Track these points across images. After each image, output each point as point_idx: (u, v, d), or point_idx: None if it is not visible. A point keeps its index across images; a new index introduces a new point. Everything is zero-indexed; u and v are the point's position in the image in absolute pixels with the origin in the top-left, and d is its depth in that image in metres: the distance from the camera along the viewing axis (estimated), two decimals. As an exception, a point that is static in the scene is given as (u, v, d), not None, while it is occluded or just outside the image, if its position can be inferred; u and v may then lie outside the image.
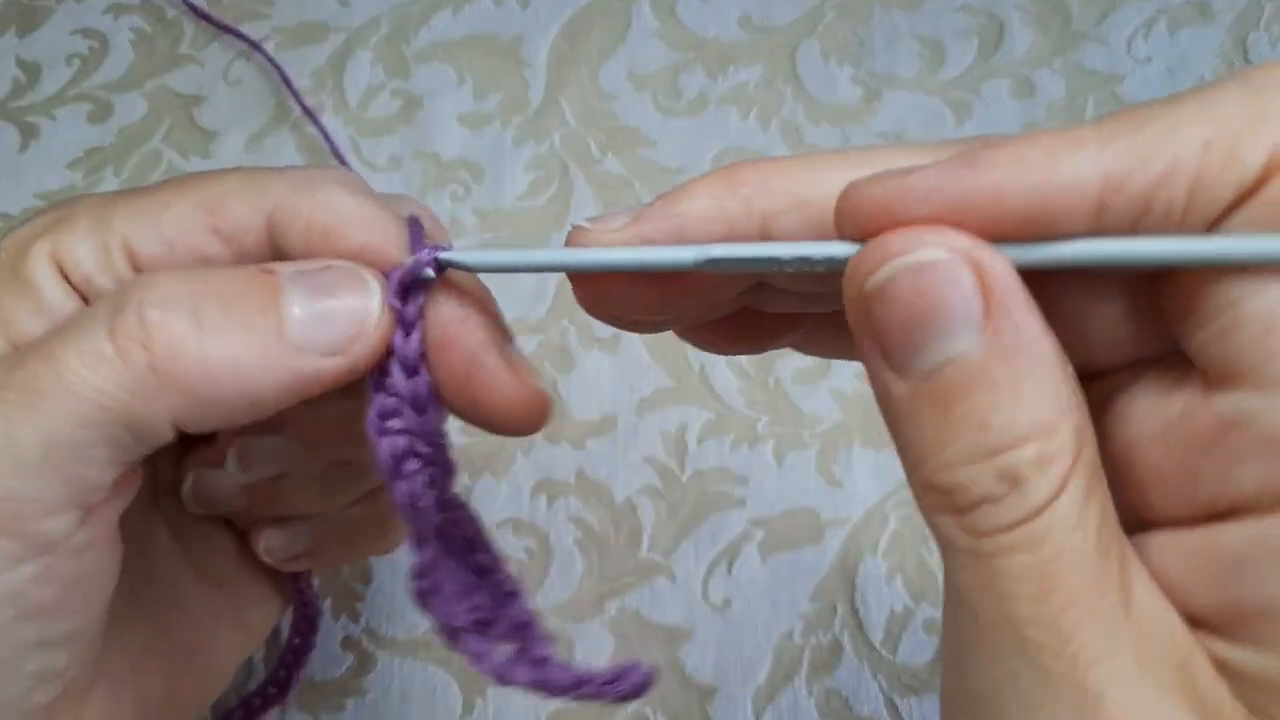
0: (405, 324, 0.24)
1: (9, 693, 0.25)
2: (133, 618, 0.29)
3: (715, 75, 0.52)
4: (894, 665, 0.40)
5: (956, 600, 0.19)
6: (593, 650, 0.40)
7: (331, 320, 0.24)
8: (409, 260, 0.24)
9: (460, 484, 0.43)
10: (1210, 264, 0.18)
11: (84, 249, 0.26)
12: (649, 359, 0.45)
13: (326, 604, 0.41)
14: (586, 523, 0.42)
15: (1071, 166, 0.18)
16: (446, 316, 0.25)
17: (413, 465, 0.25)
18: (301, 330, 0.24)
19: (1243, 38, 0.51)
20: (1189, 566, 0.19)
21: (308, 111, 0.50)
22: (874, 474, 0.43)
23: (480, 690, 0.40)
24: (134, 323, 0.23)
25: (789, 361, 0.45)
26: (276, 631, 0.41)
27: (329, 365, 0.24)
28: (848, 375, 0.45)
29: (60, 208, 0.27)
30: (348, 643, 0.41)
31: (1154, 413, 0.20)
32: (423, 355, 0.25)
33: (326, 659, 0.40)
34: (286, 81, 0.51)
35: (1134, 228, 0.19)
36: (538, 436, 0.44)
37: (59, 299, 0.26)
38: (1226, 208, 0.18)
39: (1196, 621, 0.19)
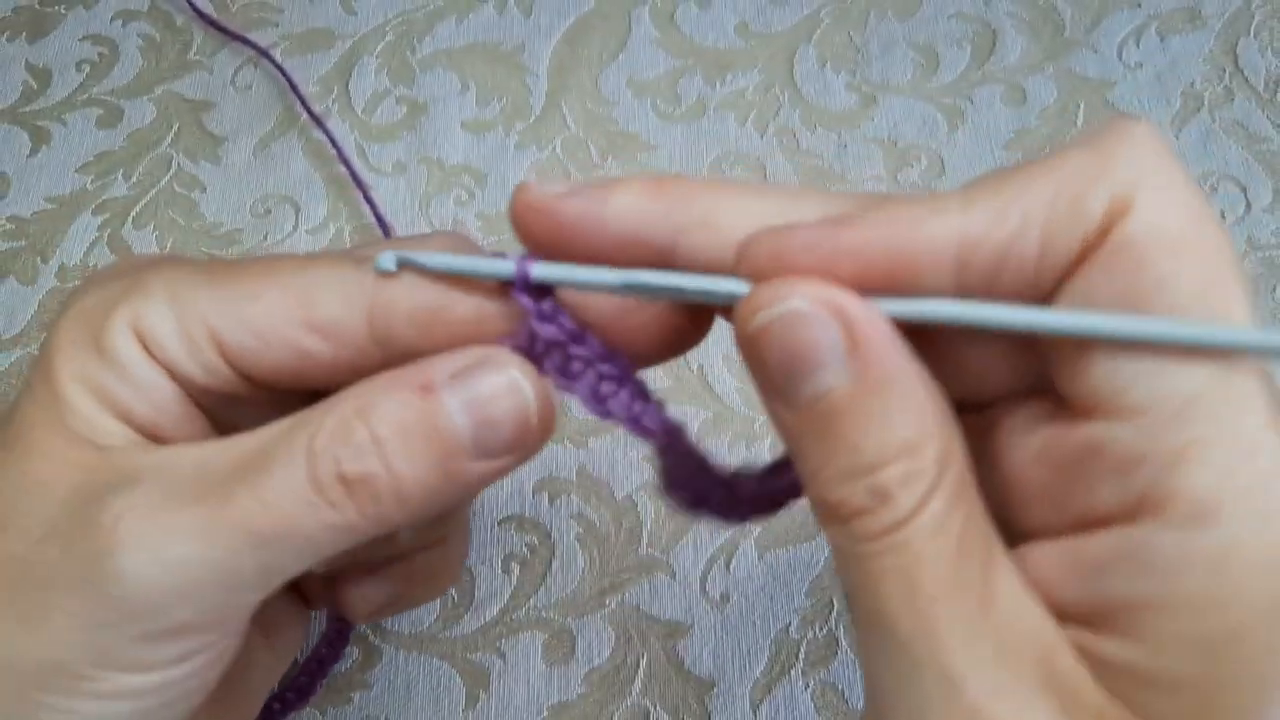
0: (545, 316, 0.25)
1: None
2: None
3: (713, 82, 0.52)
4: (888, 659, 0.41)
5: (849, 598, 0.22)
6: (594, 644, 0.41)
7: (498, 427, 0.25)
8: (516, 263, 0.25)
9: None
10: (1050, 333, 0.20)
11: (166, 330, 0.26)
12: (649, 359, 0.46)
13: (333, 599, 0.42)
14: (588, 519, 0.43)
15: (931, 227, 0.20)
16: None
17: (638, 407, 0.26)
18: (473, 445, 0.25)
19: (1233, 44, 0.52)
20: (1061, 570, 0.21)
21: (314, 117, 0.51)
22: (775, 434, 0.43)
23: (483, 683, 0.40)
24: (334, 480, 0.24)
25: (786, 362, 0.45)
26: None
27: (501, 465, 0.26)
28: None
29: (133, 270, 0.27)
30: (354, 637, 0.41)
31: (1031, 438, 0.22)
32: (576, 327, 0.25)
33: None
34: (293, 87, 0.51)
35: (991, 283, 0.21)
36: (540, 435, 0.44)
37: (148, 374, 0.26)
38: (1075, 259, 0.20)
39: (1068, 617, 0.21)
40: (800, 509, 0.43)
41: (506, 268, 0.25)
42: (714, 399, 0.45)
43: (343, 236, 0.49)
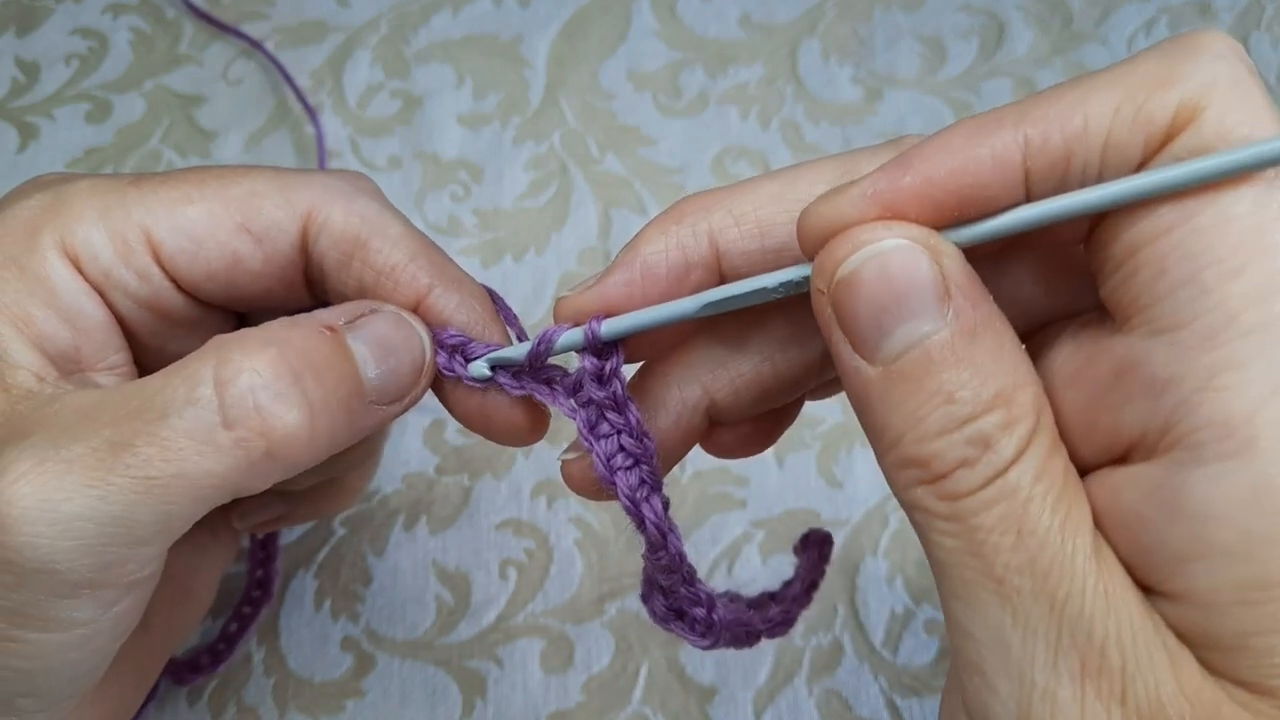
0: (601, 378, 0.25)
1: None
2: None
3: (715, 74, 0.51)
4: (894, 666, 0.40)
5: (942, 575, 0.20)
6: (593, 651, 0.40)
7: (399, 374, 0.26)
8: (586, 328, 0.25)
9: (461, 484, 0.43)
10: (1116, 203, 0.20)
11: (99, 239, 0.26)
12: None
13: (326, 605, 0.41)
14: (586, 523, 0.42)
15: (993, 143, 0.20)
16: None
17: (644, 492, 0.26)
18: (376, 390, 0.26)
19: (1244, 37, 0.51)
20: (1103, 513, 0.20)
21: (309, 108, 0.50)
22: (874, 475, 0.43)
23: (480, 691, 0.40)
24: (252, 412, 0.24)
25: (789, 362, 0.45)
26: (276, 632, 0.40)
27: (390, 411, 0.27)
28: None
29: (49, 188, 0.27)
30: (347, 643, 0.40)
31: (1068, 362, 0.22)
32: (626, 397, 0.26)
33: (326, 660, 0.40)
34: (288, 79, 0.50)
35: (1059, 189, 0.20)
36: (537, 437, 0.44)
37: (76, 296, 0.26)
38: (1137, 165, 0.20)
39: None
40: (801, 509, 0.43)
41: (566, 338, 0.25)
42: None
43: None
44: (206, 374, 0.24)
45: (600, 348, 0.25)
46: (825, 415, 0.44)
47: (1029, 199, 0.20)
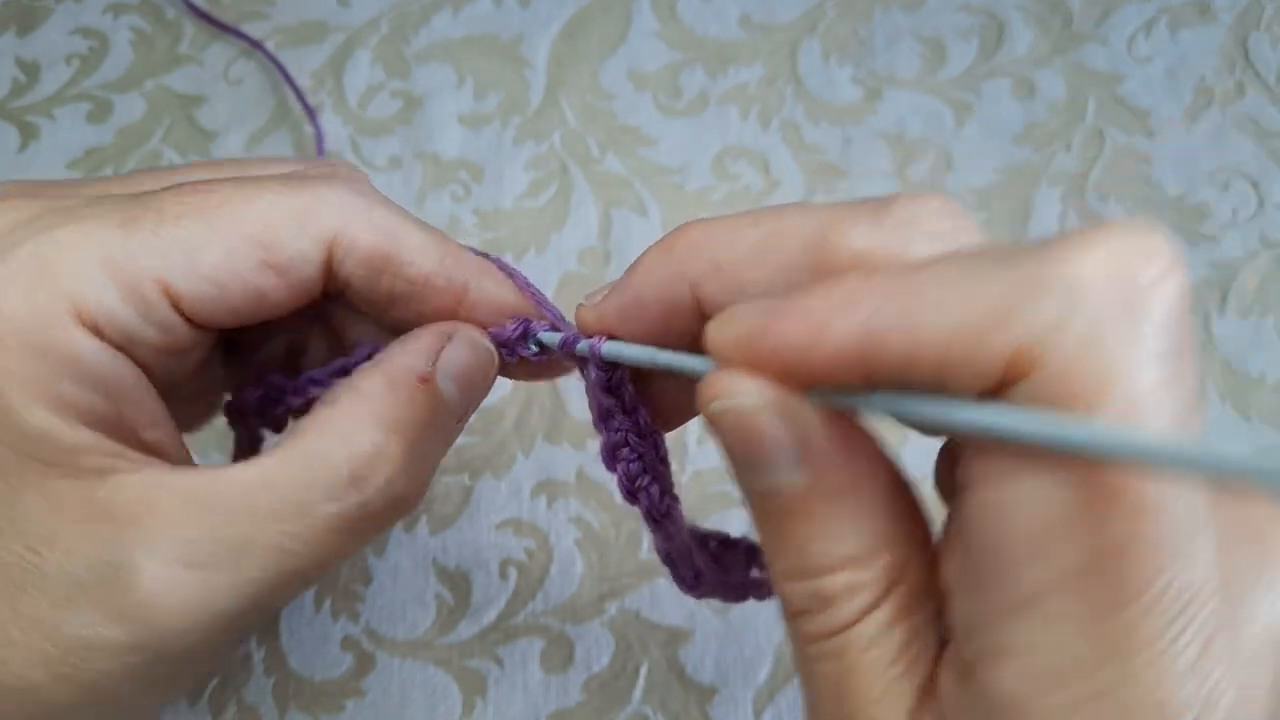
0: (610, 389, 0.27)
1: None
2: None
3: (715, 75, 0.51)
4: (894, 666, 0.40)
5: (801, 682, 0.22)
6: (593, 651, 0.40)
7: (479, 396, 0.28)
8: (589, 343, 0.27)
9: (461, 483, 0.43)
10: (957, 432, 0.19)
11: (112, 300, 0.23)
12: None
13: (327, 604, 0.41)
14: (586, 523, 0.42)
15: (836, 330, 0.19)
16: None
17: (644, 480, 0.28)
18: (463, 415, 0.28)
19: (1243, 38, 0.51)
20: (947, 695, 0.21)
21: (308, 109, 0.50)
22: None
23: (480, 691, 0.40)
24: (391, 503, 0.26)
25: (789, 361, 0.45)
26: (276, 632, 0.40)
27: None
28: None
29: (21, 226, 0.24)
30: (347, 643, 0.40)
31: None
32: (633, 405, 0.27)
33: (326, 659, 0.40)
34: (288, 78, 0.50)
35: (900, 382, 0.19)
36: (538, 437, 0.44)
37: (107, 363, 0.24)
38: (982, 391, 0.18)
39: None
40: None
41: (582, 346, 0.26)
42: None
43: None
44: (340, 464, 0.25)
45: (603, 363, 0.26)
46: (825, 415, 0.44)
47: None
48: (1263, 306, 0.45)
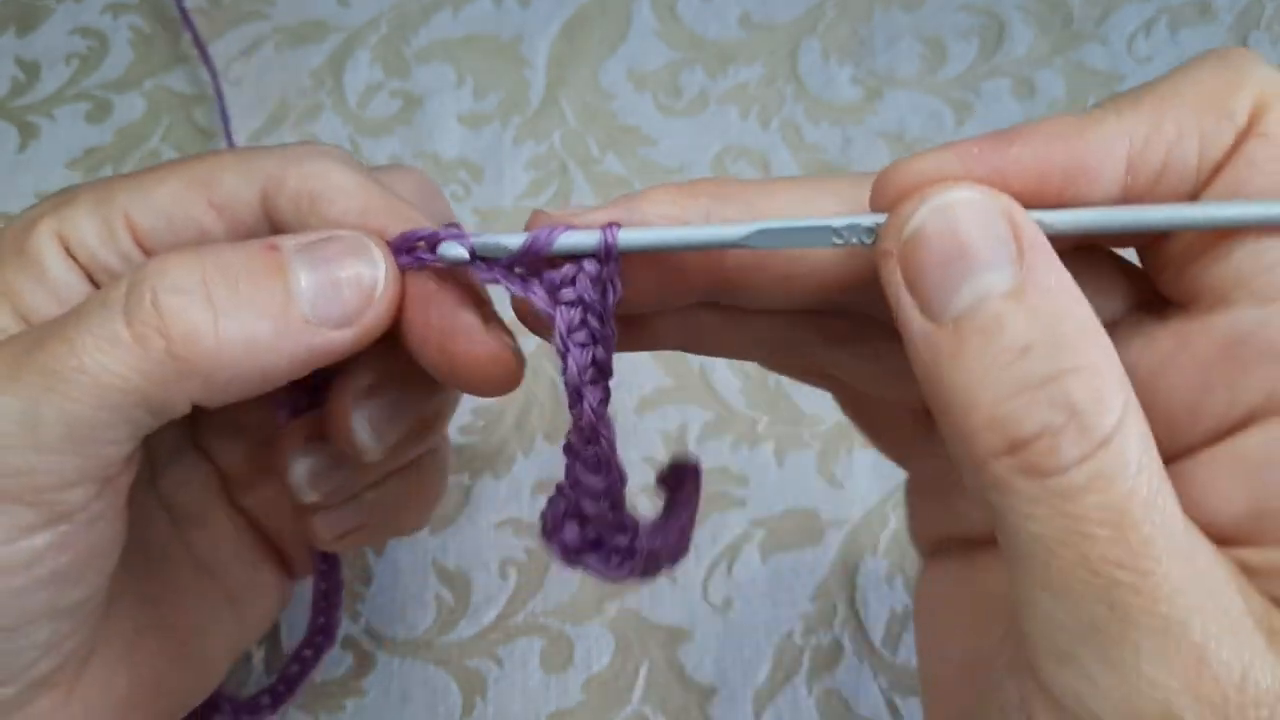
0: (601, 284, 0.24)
1: (16, 661, 0.25)
2: (130, 595, 0.29)
3: (715, 74, 0.51)
4: (894, 665, 0.40)
5: (1025, 561, 0.19)
6: (593, 651, 0.40)
7: (339, 292, 0.25)
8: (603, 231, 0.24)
9: (461, 483, 0.43)
10: (1213, 227, 0.20)
11: (87, 225, 0.27)
12: (649, 358, 0.45)
13: (326, 604, 0.41)
14: (586, 523, 0.42)
15: (1100, 135, 0.20)
16: (430, 284, 0.26)
17: (603, 410, 0.25)
18: (310, 305, 0.24)
19: (1244, 37, 0.51)
20: (1213, 485, 0.20)
21: (201, 48, 0.50)
22: (874, 474, 0.43)
23: (480, 691, 0.40)
24: (149, 308, 0.23)
25: (789, 361, 0.45)
26: (277, 634, 0.40)
27: (340, 337, 0.25)
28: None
29: (65, 191, 0.28)
30: (348, 643, 0.40)
31: (1146, 353, 0.21)
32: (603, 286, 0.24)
33: (326, 659, 0.40)
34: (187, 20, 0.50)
35: (1153, 189, 0.21)
36: (537, 436, 0.44)
37: (63, 274, 0.27)
38: (1228, 150, 0.20)
39: (1226, 540, 0.20)
40: (801, 509, 0.43)
41: (586, 239, 0.23)
42: (715, 400, 0.44)
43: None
44: (124, 279, 0.24)
45: (608, 258, 0.23)
46: (825, 415, 0.44)
47: (1129, 193, 0.21)
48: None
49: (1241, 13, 0.52)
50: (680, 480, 0.30)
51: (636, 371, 0.45)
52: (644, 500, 0.42)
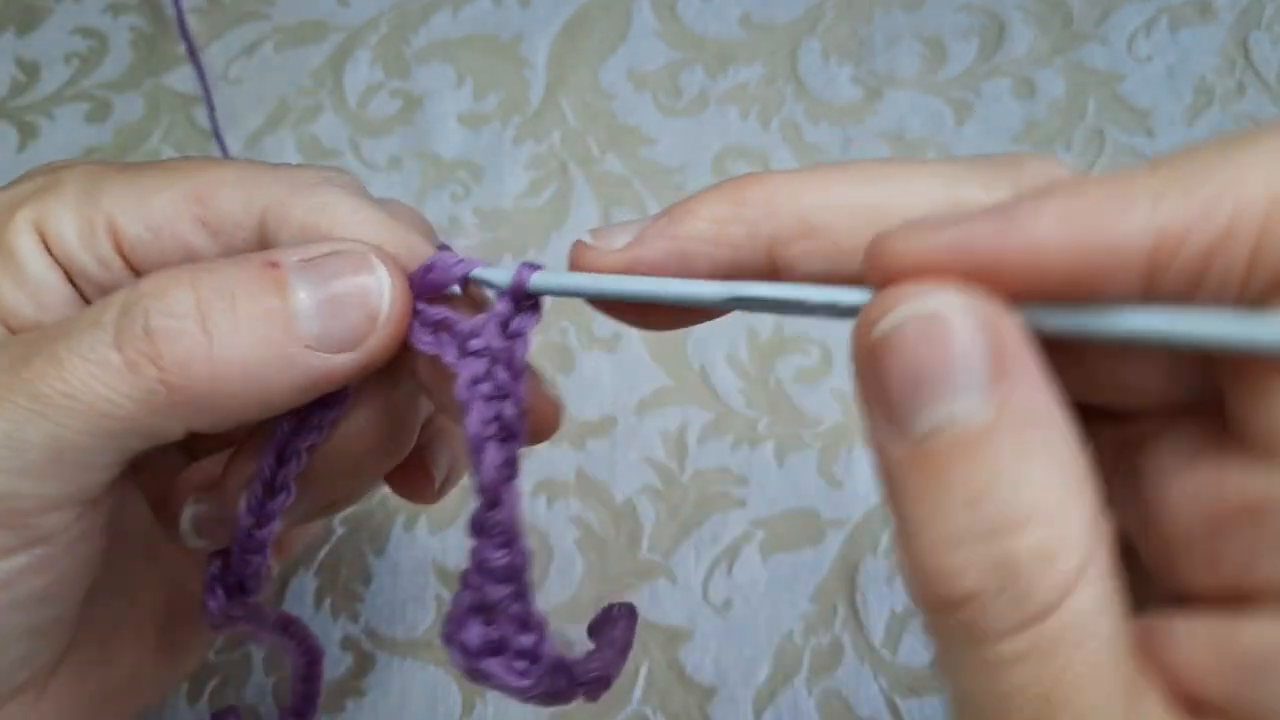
0: (509, 331, 0.23)
1: None
2: (105, 590, 0.28)
3: (715, 74, 0.51)
4: (894, 666, 0.40)
5: (957, 701, 0.18)
6: (593, 651, 0.40)
7: (343, 312, 0.23)
8: (515, 275, 0.23)
9: (460, 483, 0.43)
10: (1263, 353, 0.16)
11: (68, 223, 0.25)
12: (649, 358, 0.45)
13: (327, 604, 0.41)
14: (586, 523, 0.42)
15: (1123, 225, 0.16)
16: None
17: (507, 473, 0.23)
18: (311, 328, 0.23)
19: (1243, 37, 0.51)
20: (1207, 658, 0.17)
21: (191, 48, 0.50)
22: (874, 474, 0.43)
23: (480, 691, 0.40)
24: (141, 334, 0.22)
25: (790, 361, 0.45)
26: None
27: (342, 362, 0.24)
28: (849, 375, 0.44)
29: (51, 172, 0.27)
30: (347, 643, 0.40)
31: (1186, 470, 0.18)
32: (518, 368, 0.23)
33: (327, 659, 0.40)
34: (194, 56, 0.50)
35: (1189, 290, 0.17)
36: (538, 436, 0.44)
37: (41, 271, 0.25)
38: None
39: (1203, 709, 0.17)
40: (801, 509, 0.43)
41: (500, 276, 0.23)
42: (715, 400, 0.44)
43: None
44: (118, 299, 0.23)
45: (523, 299, 0.23)
46: (825, 415, 0.44)
47: (1151, 295, 0.17)
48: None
49: (1242, 13, 0.52)
50: (612, 623, 0.29)
51: (636, 372, 0.45)
52: (644, 500, 0.42)
